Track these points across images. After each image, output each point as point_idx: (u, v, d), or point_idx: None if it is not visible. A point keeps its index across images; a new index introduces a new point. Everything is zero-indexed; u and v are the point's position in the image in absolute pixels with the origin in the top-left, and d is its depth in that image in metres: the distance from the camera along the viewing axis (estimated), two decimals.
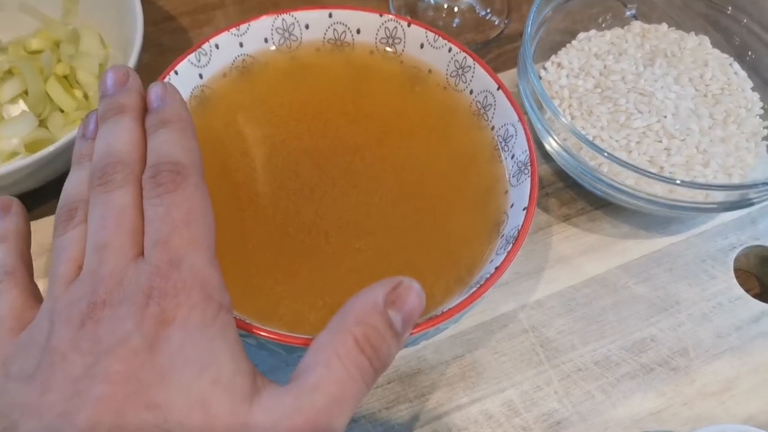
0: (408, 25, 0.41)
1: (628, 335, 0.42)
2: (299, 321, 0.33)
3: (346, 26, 0.41)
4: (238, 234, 0.35)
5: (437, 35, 0.40)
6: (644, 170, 0.39)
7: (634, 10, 0.53)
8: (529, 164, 0.35)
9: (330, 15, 0.41)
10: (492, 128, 0.39)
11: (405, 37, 0.41)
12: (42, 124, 0.47)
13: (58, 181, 0.45)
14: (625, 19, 0.52)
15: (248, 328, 0.30)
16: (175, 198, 0.27)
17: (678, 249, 0.45)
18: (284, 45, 0.41)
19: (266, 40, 0.41)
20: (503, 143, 0.38)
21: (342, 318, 0.26)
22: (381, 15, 0.41)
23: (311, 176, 0.37)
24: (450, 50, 0.40)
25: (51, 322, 0.25)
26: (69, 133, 0.40)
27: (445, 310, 0.31)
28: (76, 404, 0.23)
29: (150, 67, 0.42)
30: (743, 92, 0.47)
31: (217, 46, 0.39)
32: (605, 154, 0.40)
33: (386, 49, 0.42)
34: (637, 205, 0.43)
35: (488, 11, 0.59)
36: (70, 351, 0.24)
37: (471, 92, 0.40)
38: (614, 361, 0.41)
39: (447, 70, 0.40)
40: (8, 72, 0.48)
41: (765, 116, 0.47)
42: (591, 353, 0.41)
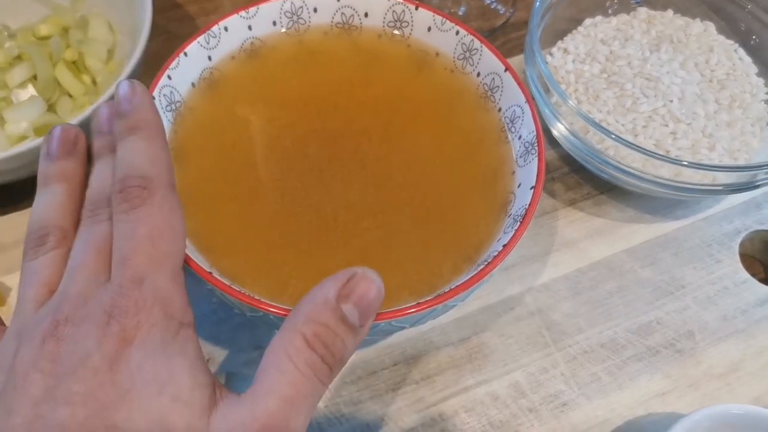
0: (416, 9, 0.41)
1: (634, 318, 0.42)
2: None
3: (354, 10, 0.41)
4: (248, 214, 0.35)
5: (445, 18, 0.40)
6: (651, 152, 0.39)
7: None
8: (536, 144, 0.35)
9: None
10: (499, 110, 0.39)
11: (413, 21, 0.41)
12: (51, 109, 0.47)
13: None
14: (631, 6, 0.52)
15: (258, 305, 0.30)
16: (140, 214, 0.27)
17: (683, 233, 0.45)
18: (293, 28, 0.42)
19: (275, 23, 0.41)
20: (510, 124, 0.38)
21: (292, 318, 0.26)
22: None
23: (320, 157, 0.37)
24: (457, 33, 0.40)
25: (18, 343, 0.26)
26: (77, 116, 0.40)
27: (453, 287, 0.31)
28: (38, 428, 0.23)
29: (157, 54, 0.42)
30: (748, 77, 0.47)
31: (226, 29, 0.39)
32: (612, 137, 0.40)
33: (394, 33, 0.42)
34: (644, 188, 0.43)
35: (493, 0, 0.60)
36: (32, 371, 0.24)
37: (478, 75, 0.40)
38: (620, 344, 0.41)
39: (454, 53, 0.41)
40: (17, 57, 0.48)
41: None
42: (597, 336, 0.41)
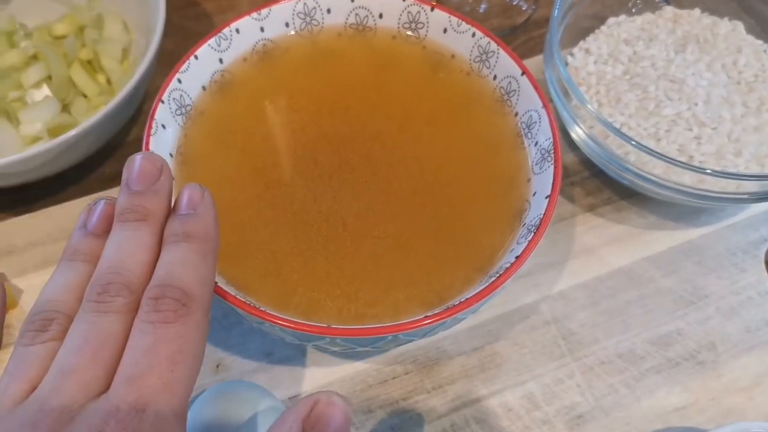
0: (431, 10, 0.40)
1: (654, 328, 0.41)
2: (314, 309, 0.32)
3: (369, 11, 0.41)
4: (255, 221, 0.35)
5: (461, 20, 0.39)
6: (672, 159, 0.38)
7: None
8: (553, 151, 0.34)
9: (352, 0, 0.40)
10: (515, 114, 0.38)
11: (428, 22, 0.40)
12: (65, 109, 0.47)
13: (79, 167, 0.45)
14: (657, 5, 0.51)
15: (263, 316, 0.29)
16: (169, 331, 0.24)
17: (707, 241, 0.44)
18: (305, 30, 0.41)
19: (287, 25, 0.40)
20: (526, 130, 0.37)
21: None
22: None
23: (330, 163, 0.37)
24: (474, 35, 0.39)
25: None
26: (90, 118, 0.40)
27: (464, 300, 0.30)
28: None
29: (173, 53, 0.42)
30: None
31: (238, 31, 0.39)
32: (633, 143, 0.39)
33: (408, 34, 0.41)
34: (665, 196, 0.42)
35: None
36: None
37: (495, 78, 0.39)
38: (639, 355, 0.40)
39: (470, 56, 0.40)
40: (33, 57, 0.48)
41: None
42: (615, 346, 0.40)
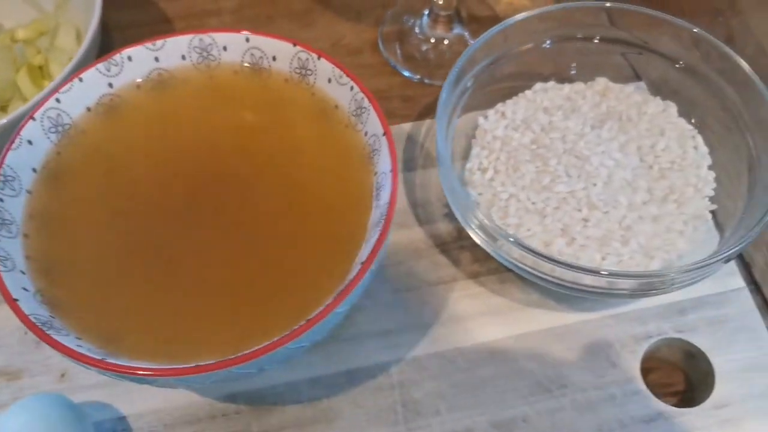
0: (318, 58, 0.40)
1: (501, 411, 0.39)
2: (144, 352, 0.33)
3: (263, 52, 0.41)
4: (98, 245, 0.36)
5: (342, 72, 0.39)
6: (529, 247, 0.37)
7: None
8: (384, 219, 0.34)
9: (247, 39, 0.41)
10: (375, 174, 0.37)
11: (316, 70, 0.40)
12: (2, 110, 0.50)
13: None
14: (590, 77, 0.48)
15: (90, 362, 0.30)
16: None
17: (586, 327, 0.42)
18: (203, 64, 0.42)
19: (184, 57, 0.42)
20: (377, 191, 0.36)
21: None
22: (294, 45, 0.40)
23: (182, 199, 0.38)
24: (352, 89, 0.39)
25: None
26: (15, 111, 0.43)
27: (263, 346, 0.30)
28: None
29: None
30: (698, 170, 0.43)
31: (130, 58, 0.40)
32: (501, 234, 0.37)
33: (300, 79, 0.41)
34: (538, 282, 0.40)
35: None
36: None
37: (366, 134, 0.39)
38: None
39: (349, 108, 0.39)
40: None
41: (714, 198, 0.42)
42: (453, 422, 0.39)
